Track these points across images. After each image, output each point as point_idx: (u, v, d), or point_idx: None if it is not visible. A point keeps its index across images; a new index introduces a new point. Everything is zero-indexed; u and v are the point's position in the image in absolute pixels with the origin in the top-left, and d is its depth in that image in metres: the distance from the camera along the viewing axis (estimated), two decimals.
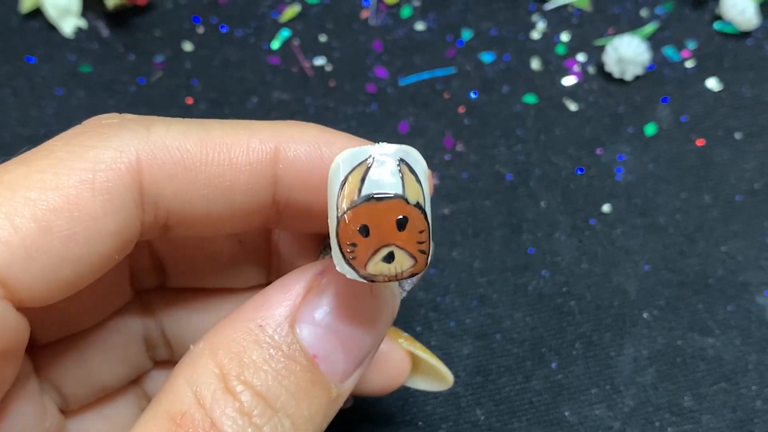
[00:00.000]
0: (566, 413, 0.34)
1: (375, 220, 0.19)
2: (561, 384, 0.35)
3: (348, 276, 0.20)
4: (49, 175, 0.20)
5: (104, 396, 0.28)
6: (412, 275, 0.20)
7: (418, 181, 0.20)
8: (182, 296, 0.29)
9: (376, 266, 0.19)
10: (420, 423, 0.34)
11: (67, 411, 0.27)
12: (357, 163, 0.19)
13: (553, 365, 0.35)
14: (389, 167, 0.19)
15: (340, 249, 0.19)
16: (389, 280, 0.20)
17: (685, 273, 0.37)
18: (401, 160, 0.20)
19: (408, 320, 0.36)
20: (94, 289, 0.25)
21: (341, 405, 0.23)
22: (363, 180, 0.19)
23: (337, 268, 0.20)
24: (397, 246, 0.19)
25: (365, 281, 0.20)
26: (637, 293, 0.37)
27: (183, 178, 0.21)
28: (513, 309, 0.36)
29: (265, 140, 0.22)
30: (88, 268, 0.21)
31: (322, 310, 0.21)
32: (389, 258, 0.19)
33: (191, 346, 0.22)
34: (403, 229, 0.19)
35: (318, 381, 0.21)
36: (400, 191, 0.19)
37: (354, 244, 0.19)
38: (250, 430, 0.20)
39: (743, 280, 0.37)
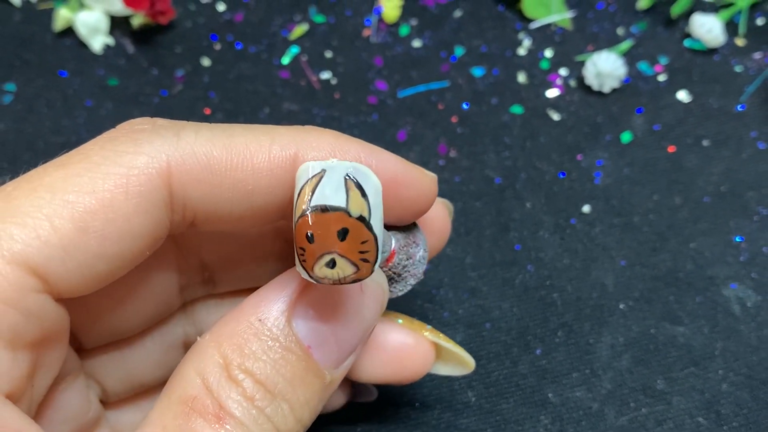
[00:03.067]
0: (549, 395, 0.34)
1: (318, 229, 0.19)
2: (545, 368, 0.35)
3: (302, 276, 0.20)
4: (85, 178, 0.20)
5: (142, 392, 0.28)
6: (356, 281, 0.20)
7: (365, 195, 0.20)
8: (222, 301, 0.28)
9: (321, 270, 0.20)
10: (417, 404, 0.34)
11: (107, 403, 0.27)
12: (311, 175, 0.20)
13: (538, 351, 0.35)
14: (336, 182, 0.19)
15: (296, 252, 0.20)
16: (335, 283, 0.20)
17: (657, 268, 0.37)
18: (348, 176, 0.20)
19: (405, 311, 0.36)
20: (143, 302, 0.26)
21: (335, 389, 0.23)
22: (313, 191, 0.19)
23: (297, 269, 0.20)
24: (339, 254, 0.19)
25: (315, 282, 0.20)
26: (614, 286, 0.37)
27: (209, 182, 0.21)
28: (501, 300, 0.36)
29: (285, 146, 0.22)
30: (121, 264, 0.21)
31: (315, 305, 0.22)
32: (331, 264, 0.19)
33: (198, 338, 0.22)
34: (344, 239, 0.19)
35: (312, 369, 0.22)
36: (342, 204, 0.19)
37: (303, 249, 0.19)
38: (254, 411, 0.20)
39: (710, 274, 0.37)
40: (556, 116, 0.42)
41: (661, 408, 0.34)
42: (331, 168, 0.20)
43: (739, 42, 0.45)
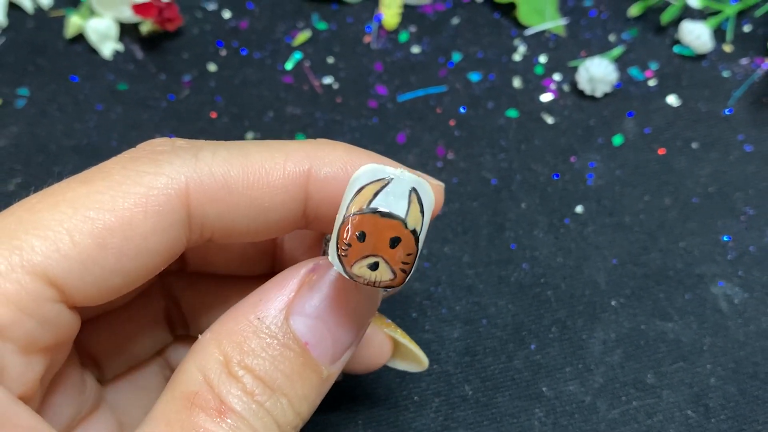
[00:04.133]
0: (544, 389, 0.34)
1: (373, 231, 0.19)
2: (539, 363, 0.35)
3: (335, 268, 0.20)
4: (107, 196, 0.20)
5: (134, 366, 0.28)
6: (388, 287, 0.20)
7: (422, 211, 0.20)
8: (197, 280, 0.29)
9: (360, 269, 0.20)
10: (416, 397, 0.34)
11: (103, 381, 0.27)
12: (377, 178, 0.20)
13: (532, 347, 0.35)
14: (401, 191, 0.19)
15: (337, 244, 0.20)
16: (366, 284, 0.20)
17: (648, 266, 0.37)
18: (413, 189, 0.20)
19: (405, 307, 0.36)
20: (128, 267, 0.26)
21: (332, 383, 0.23)
22: (376, 194, 0.19)
23: (329, 258, 0.20)
24: (384, 259, 0.19)
25: (347, 278, 0.20)
26: (606, 284, 0.37)
27: (226, 201, 0.21)
28: (497, 297, 0.36)
29: (299, 163, 0.22)
30: (136, 278, 0.21)
31: (312, 303, 0.22)
32: (374, 266, 0.20)
33: (199, 336, 0.22)
34: (395, 247, 0.19)
35: (310, 364, 0.22)
36: (402, 215, 0.19)
37: (349, 245, 0.19)
38: (254, 406, 0.20)
39: (699, 272, 0.37)
40: (550, 120, 0.42)
41: (652, 401, 0.34)
42: (398, 177, 0.20)
43: (727, 48, 0.45)
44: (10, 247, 0.19)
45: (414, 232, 0.19)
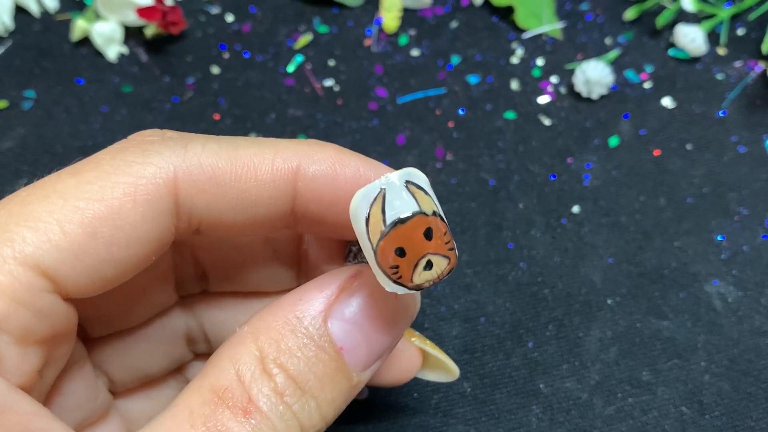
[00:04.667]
0: (541, 386, 0.34)
1: (406, 240, 0.19)
2: (536, 361, 0.35)
3: (399, 293, 0.20)
4: (96, 186, 0.20)
5: (149, 381, 0.28)
6: (450, 271, 0.20)
7: (427, 193, 0.20)
8: (220, 298, 0.28)
9: (421, 276, 0.19)
10: (415, 394, 0.34)
11: (115, 392, 0.27)
12: (373, 197, 0.19)
13: (530, 344, 0.35)
14: (400, 191, 0.19)
15: (385, 273, 0.19)
16: (434, 283, 0.20)
17: (643, 265, 0.37)
18: (407, 182, 0.19)
19: None
20: (142, 294, 0.26)
21: (359, 391, 0.23)
22: (383, 210, 0.19)
23: (387, 289, 0.20)
24: (432, 253, 0.19)
25: (415, 292, 0.20)
26: (602, 282, 0.37)
27: (214, 192, 0.21)
28: (495, 296, 0.36)
29: (288, 159, 0.22)
30: (127, 268, 0.21)
31: (351, 309, 0.21)
32: (429, 266, 0.19)
33: (236, 329, 0.21)
34: (431, 238, 0.19)
35: (342, 369, 0.21)
36: (416, 208, 0.19)
37: (396, 266, 0.19)
38: (281, 407, 0.20)
39: (693, 271, 0.37)
40: (547, 121, 0.42)
41: (647, 398, 0.34)
42: (388, 183, 0.19)
43: (721, 51, 0.45)
44: (1, 239, 0.19)
45: (435, 213, 0.19)
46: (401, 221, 0.19)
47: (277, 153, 0.22)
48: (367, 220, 0.19)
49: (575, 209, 0.39)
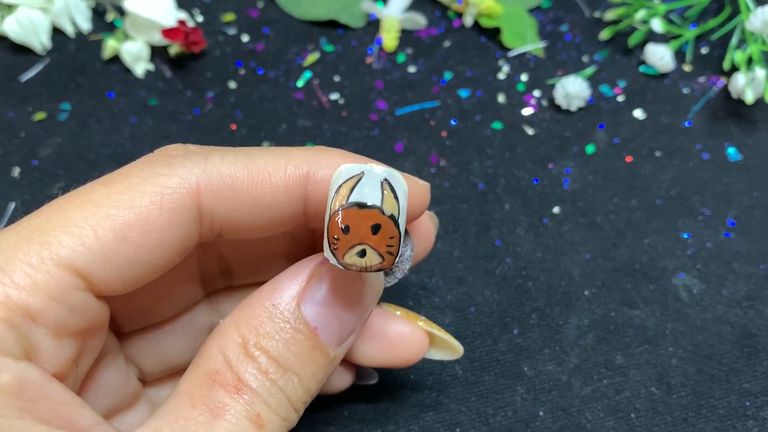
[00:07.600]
0: (525, 368, 0.34)
1: (355, 222, 0.19)
2: (521, 346, 0.35)
3: (330, 261, 0.20)
4: (126, 195, 0.20)
5: (176, 372, 0.28)
6: (380, 270, 0.20)
7: (396, 198, 0.19)
8: (242, 294, 0.28)
9: (351, 258, 0.19)
10: (412, 376, 0.34)
11: (144, 381, 0.27)
12: (351, 175, 0.19)
13: (515, 331, 0.35)
14: (373, 183, 0.19)
15: (328, 240, 0.19)
16: (361, 271, 0.20)
17: (617, 260, 0.37)
18: (385, 180, 0.19)
19: (402, 297, 0.36)
20: (170, 292, 0.26)
21: (338, 363, 0.23)
22: (352, 190, 0.19)
23: (325, 254, 0.20)
24: (370, 246, 0.19)
25: (342, 268, 0.20)
26: (579, 276, 0.37)
27: (233, 199, 0.21)
28: (484, 288, 0.36)
29: (299, 166, 0.22)
30: (154, 268, 0.21)
31: (321, 292, 0.22)
32: (362, 254, 0.19)
33: (221, 320, 0.22)
34: (376, 233, 0.19)
35: (318, 347, 0.22)
36: (378, 203, 0.19)
37: (337, 238, 0.19)
38: (268, 383, 0.21)
39: (662, 265, 0.37)
40: (530, 131, 0.42)
41: (620, 380, 0.34)
42: (369, 171, 0.19)
43: (687, 68, 0.45)
44: (40, 242, 0.19)
45: (392, 217, 0.19)
46: (359, 205, 0.19)
47: (289, 161, 0.22)
48: (338, 189, 0.19)
49: (556, 210, 0.39)
